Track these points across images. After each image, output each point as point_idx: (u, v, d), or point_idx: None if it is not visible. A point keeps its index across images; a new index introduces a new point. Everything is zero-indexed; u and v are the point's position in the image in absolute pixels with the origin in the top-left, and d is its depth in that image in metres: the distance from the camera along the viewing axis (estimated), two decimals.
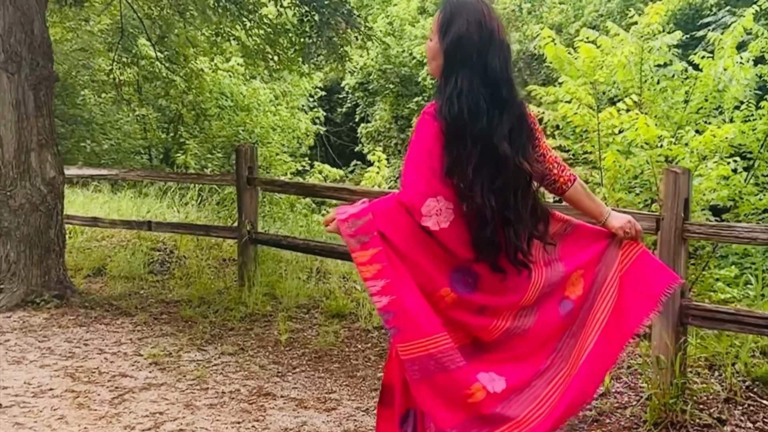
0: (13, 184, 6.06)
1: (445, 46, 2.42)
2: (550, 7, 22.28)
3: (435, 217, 2.35)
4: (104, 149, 14.61)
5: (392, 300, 2.32)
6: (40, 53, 6.01)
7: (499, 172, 2.38)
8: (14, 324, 5.62)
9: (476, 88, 2.38)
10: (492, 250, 2.41)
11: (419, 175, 2.37)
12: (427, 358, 2.35)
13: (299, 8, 7.20)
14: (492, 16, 2.48)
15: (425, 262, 2.39)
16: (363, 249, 2.35)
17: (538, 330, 2.56)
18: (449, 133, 2.36)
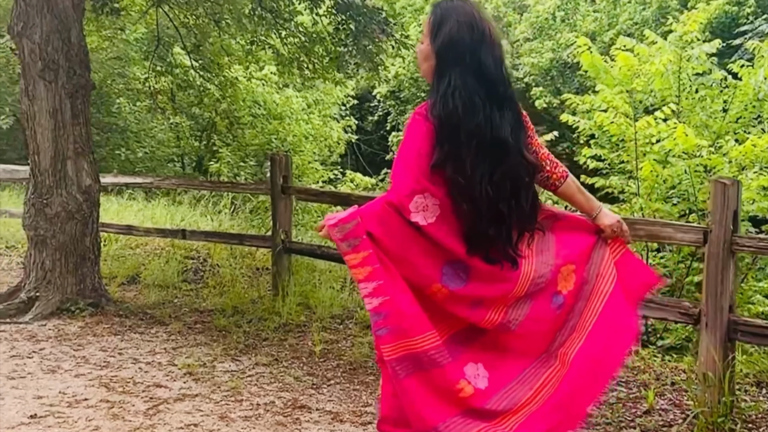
0: (50, 192, 6.07)
1: (437, 47, 2.47)
2: (584, 16, 22.08)
3: (422, 213, 2.39)
4: (138, 157, 14.71)
5: (385, 300, 2.38)
6: (77, 61, 6.03)
7: (498, 165, 2.43)
8: (49, 332, 5.62)
9: (470, 85, 2.41)
10: (484, 243, 2.45)
11: (407, 174, 2.41)
12: (421, 354, 2.41)
13: (335, 17, 7.18)
14: (482, 18, 2.53)
15: (417, 258, 2.43)
16: (354, 252, 2.41)
17: (531, 324, 2.58)
18: (442, 130, 2.40)
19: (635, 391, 4.43)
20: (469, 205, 2.42)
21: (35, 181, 6.11)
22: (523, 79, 22.27)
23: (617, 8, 22.11)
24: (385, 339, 2.41)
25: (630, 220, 4.33)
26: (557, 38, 22.01)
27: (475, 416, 2.49)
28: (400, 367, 2.42)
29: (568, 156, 19.77)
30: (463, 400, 2.47)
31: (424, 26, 2.58)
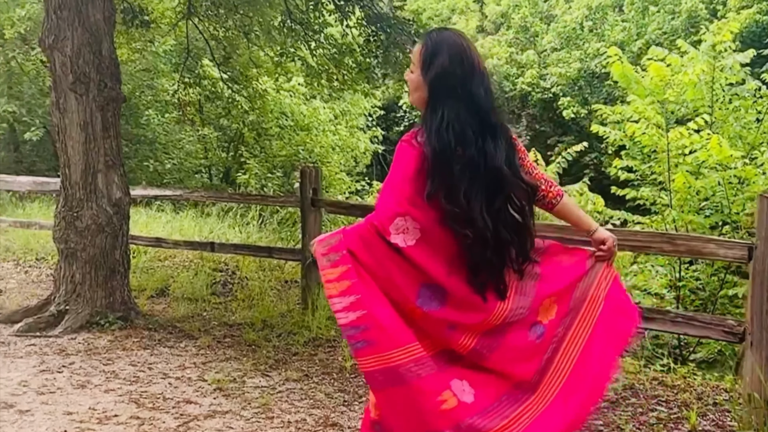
0: (80, 205, 6.06)
1: (429, 80, 2.52)
2: (612, 25, 21.92)
3: (402, 235, 2.44)
4: (166, 168, 14.75)
5: (363, 315, 2.41)
6: (108, 74, 6.02)
7: (497, 194, 2.49)
8: (79, 346, 5.59)
9: (463, 118, 2.47)
10: (489, 270, 2.50)
11: (391, 197, 2.48)
12: (402, 366, 2.42)
13: (366, 28, 7.13)
14: (471, 49, 2.59)
15: (396, 277, 2.46)
16: (332, 267, 2.46)
17: (507, 352, 2.58)
18: (435, 162, 2.45)
19: (676, 411, 4.31)
20: (473, 234, 2.46)
21: (66, 194, 6.11)
22: (550, 89, 22.15)
23: (646, 18, 21.92)
24: (363, 352, 2.43)
25: (670, 235, 4.23)
26: (585, 48, 21.87)
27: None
28: (380, 379, 2.45)
29: (595, 166, 19.66)
30: (444, 413, 2.45)
31: (415, 56, 2.63)
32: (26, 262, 8.93)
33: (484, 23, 27.50)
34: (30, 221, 9.35)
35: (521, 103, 23.26)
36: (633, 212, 9.36)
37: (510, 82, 23.11)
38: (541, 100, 22.57)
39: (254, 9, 7.45)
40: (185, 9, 8.16)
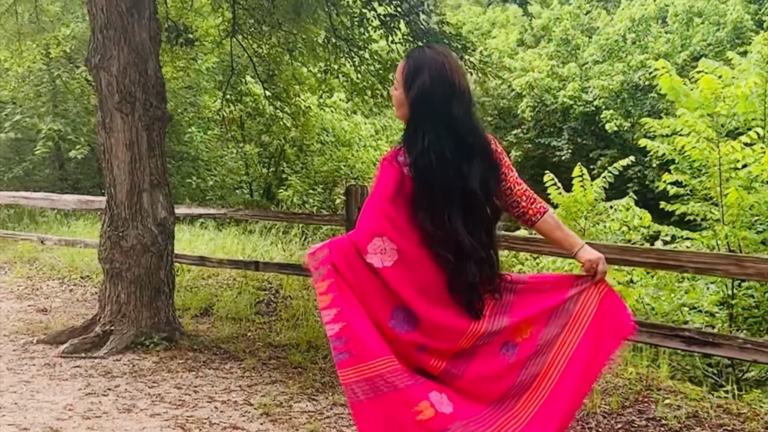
0: (125, 224, 6.03)
1: (411, 100, 2.58)
2: (656, 37, 21.62)
3: (379, 255, 2.53)
4: (209, 185, 14.80)
5: (343, 326, 2.50)
6: (154, 93, 5.99)
7: (470, 215, 2.56)
8: (124, 368, 5.53)
9: (442, 140, 2.53)
10: (470, 290, 2.57)
11: (371, 216, 2.56)
12: (378, 378, 2.50)
13: (411, 43, 7.04)
14: (453, 68, 2.63)
15: (372, 296, 2.55)
16: (321, 280, 2.56)
17: (478, 370, 2.63)
18: (420, 184, 2.53)
19: None
20: (454, 255, 2.54)
21: (111, 213, 6.07)
22: (592, 102, 21.89)
23: (690, 29, 21.59)
24: (345, 363, 2.52)
25: (737, 257, 4.04)
26: (628, 60, 21.60)
27: None
28: (360, 390, 2.51)
29: (639, 180, 19.34)
30: (420, 423, 2.50)
31: (398, 74, 2.69)
32: (71, 280, 8.95)
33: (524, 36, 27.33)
34: (75, 239, 9.38)
35: (563, 116, 23.02)
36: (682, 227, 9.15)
37: (551, 95, 22.90)
38: (583, 113, 22.32)
39: (298, 26, 7.42)
40: (230, 27, 8.15)
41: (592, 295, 2.74)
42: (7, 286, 8.71)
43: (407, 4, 6.86)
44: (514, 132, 23.77)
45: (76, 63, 14.64)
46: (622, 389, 4.84)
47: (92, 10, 5.85)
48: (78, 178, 16.03)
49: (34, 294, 8.29)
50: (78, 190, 15.05)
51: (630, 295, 7.27)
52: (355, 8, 7.30)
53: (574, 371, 2.67)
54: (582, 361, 2.68)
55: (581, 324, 2.71)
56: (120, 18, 5.77)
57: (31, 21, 9.62)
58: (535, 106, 23.19)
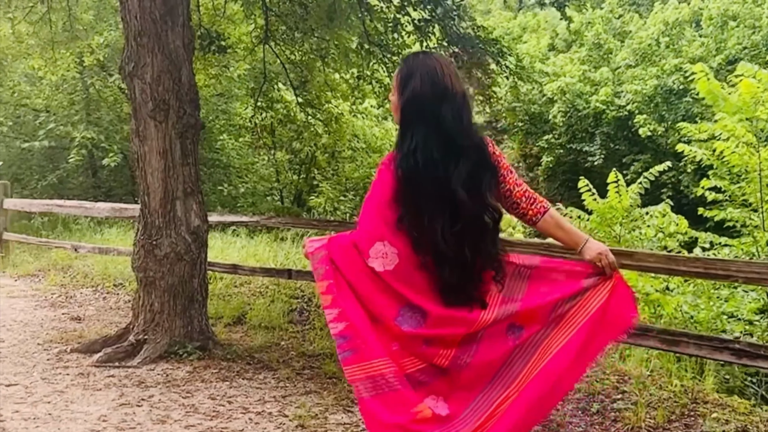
0: (159, 233, 5.99)
1: (402, 103, 2.66)
2: (690, 41, 21.34)
3: (381, 260, 2.59)
4: (240, 192, 14.79)
5: (347, 325, 2.59)
6: (187, 101, 5.95)
7: (458, 216, 2.58)
8: (158, 378, 5.49)
9: (430, 141, 2.58)
10: (453, 290, 2.62)
11: (371, 220, 2.64)
12: (380, 377, 2.58)
13: (446, 48, 6.94)
14: (445, 72, 2.68)
15: (375, 296, 2.62)
16: (321, 280, 2.65)
17: (484, 356, 2.68)
18: (406, 185, 2.59)
19: None
20: (433, 258, 2.59)
21: (145, 221, 6.04)
22: (625, 107, 21.65)
23: (724, 33, 21.28)
24: (350, 360, 2.60)
25: None
26: (662, 64, 21.34)
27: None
28: (363, 388, 2.60)
29: (673, 185, 19.07)
30: (421, 421, 2.59)
31: (394, 80, 2.77)
32: (104, 288, 8.96)
33: (555, 41, 27.15)
34: (108, 247, 9.40)
35: (595, 121, 22.80)
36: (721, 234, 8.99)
37: (583, 100, 22.70)
38: (616, 117, 22.09)
39: (331, 32, 7.35)
40: (262, 34, 8.11)
41: (604, 287, 2.76)
42: (41, 293, 8.74)
43: (442, 9, 6.77)
44: (546, 137, 23.58)
45: (109, 71, 14.75)
46: (667, 402, 4.69)
47: (126, 18, 5.83)
48: (111, 186, 16.12)
49: (67, 302, 8.31)
50: (111, 197, 15.13)
51: (668, 303, 7.13)
52: (389, 13, 7.23)
53: (566, 356, 2.70)
54: (576, 347, 2.71)
55: (586, 312, 2.74)
56: (154, 25, 5.74)
57: (65, 29, 9.66)
58: (566, 111, 22.99)
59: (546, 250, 4.67)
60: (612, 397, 4.88)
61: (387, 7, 7.19)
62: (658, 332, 4.35)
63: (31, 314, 7.62)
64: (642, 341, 4.42)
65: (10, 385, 5.23)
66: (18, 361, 5.84)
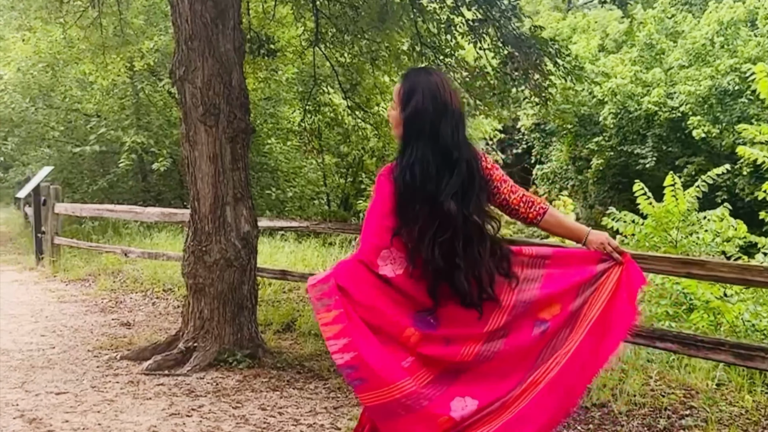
0: (209, 239, 5.90)
1: (404, 118, 2.76)
2: (746, 41, 20.79)
3: (390, 265, 2.68)
4: (288, 197, 14.75)
5: (354, 356, 2.61)
6: (238, 105, 5.86)
7: (446, 227, 2.69)
8: (207, 386, 5.39)
9: (428, 156, 2.70)
10: (446, 297, 2.72)
11: (373, 232, 2.72)
12: (394, 403, 2.63)
13: (501, 49, 6.75)
14: (446, 88, 2.81)
15: (387, 308, 2.69)
16: (327, 311, 2.64)
17: (510, 351, 2.77)
18: (403, 197, 2.70)
19: None
20: (422, 267, 2.70)
21: (195, 227, 5.96)
22: (678, 108, 21.18)
23: None
24: (362, 388, 2.65)
25: None
26: (716, 65, 20.84)
27: None
28: (379, 414, 2.68)
29: (728, 188, 18.58)
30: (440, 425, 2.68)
31: (395, 95, 2.84)
32: (154, 293, 8.94)
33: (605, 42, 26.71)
34: (157, 252, 9.39)
35: (647, 123, 22.37)
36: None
37: (635, 101, 22.28)
38: (669, 119, 21.64)
39: (382, 33, 7.21)
40: (312, 36, 8.01)
41: (617, 269, 2.88)
42: (92, 298, 8.75)
43: (497, 9, 6.58)
44: (596, 139, 23.20)
45: (159, 76, 14.83)
46: (739, 420, 4.45)
47: (177, 22, 5.76)
48: (160, 190, 16.22)
49: (117, 307, 8.30)
50: (160, 201, 15.22)
51: (729, 311, 6.87)
52: (442, 14, 7.06)
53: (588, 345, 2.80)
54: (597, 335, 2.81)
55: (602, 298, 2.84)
56: (205, 29, 5.66)
57: (116, 34, 9.69)
58: (617, 113, 22.60)
59: None
60: (679, 413, 4.66)
61: (440, 8, 7.02)
62: (731, 346, 4.12)
63: (81, 320, 7.61)
64: (713, 355, 4.20)
65: (60, 393, 5.18)
66: (68, 368, 5.81)
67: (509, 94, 7.35)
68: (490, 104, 7.50)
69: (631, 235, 10.83)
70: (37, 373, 5.69)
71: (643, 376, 5.28)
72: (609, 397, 4.90)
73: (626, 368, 5.44)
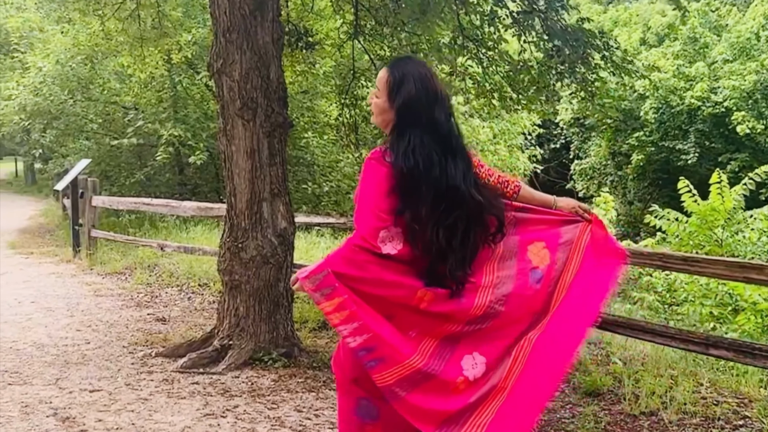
0: (245, 235, 5.79)
1: (397, 107, 2.81)
2: None
3: (390, 243, 2.71)
4: (324, 191, 14.65)
5: (369, 336, 2.66)
6: (276, 99, 5.73)
7: (453, 210, 2.79)
8: (242, 386, 5.28)
9: (427, 143, 2.77)
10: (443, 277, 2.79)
11: (369, 215, 2.74)
12: (415, 373, 2.71)
13: (546, 42, 6.53)
14: (434, 77, 2.93)
15: (395, 277, 2.73)
16: (327, 300, 2.66)
17: (515, 299, 2.87)
18: (405, 181, 2.74)
19: None
20: (422, 247, 2.75)
21: (231, 223, 5.86)
22: (722, 103, 20.75)
23: None
24: (378, 369, 2.69)
25: None
26: (761, 59, 20.37)
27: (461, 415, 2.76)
28: (398, 389, 2.71)
29: None
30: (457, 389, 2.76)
31: (381, 83, 2.89)
32: (189, 288, 8.88)
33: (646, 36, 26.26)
34: (193, 246, 9.33)
35: (689, 118, 21.95)
36: None
37: (677, 96, 21.86)
38: (712, 114, 21.22)
39: (423, 26, 7.03)
40: (351, 29, 7.85)
41: (586, 226, 3.09)
42: (128, 292, 8.71)
43: (543, 1, 6.37)
44: (636, 135, 22.84)
45: (197, 69, 14.80)
46: None
47: (215, 13, 5.64)
48: (197, 183, 16.22)
49: (153, 302, 8.24)
50: (196, 195, 15.21)
51: None
52: (485, 6, 6.87)
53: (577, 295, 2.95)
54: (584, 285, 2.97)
55: (579, 250, 3.03)
56: (243, 21, 5.54)
57: (154, 26, 9.63)
58: (659, 108, 22.21)
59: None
60: (733, 423, 4.46)
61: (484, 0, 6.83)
62: None
63: (117, 314, 7.56)
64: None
65: (94, 390, 5.11)
66: (103, 365, 5.74)
67: (553, 88, 7.13)
68: (533, 98, 7.29)
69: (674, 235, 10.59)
70: (72, 369, 5.64)
71: (693, 383, 5.07)
72: (658, 405, 4.70)
73: (675, 374, 5.24)
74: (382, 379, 2.70)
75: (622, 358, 5.77)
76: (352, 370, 2.87)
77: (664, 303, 10.06)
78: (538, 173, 24.94)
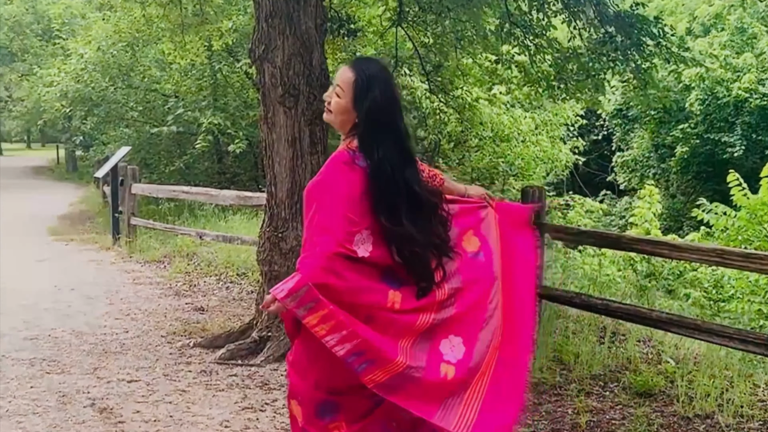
0: (285, 225, 5.68)
1: (364, 113, 2.82)
2: None
3: (362, 246, 2.75)
4: None
5: (357, 342, 2.66)
6: (318, 86, 5.58)
7: (417, 210, 2.87)
8: (281, 379, 5.19)
9: (391, 149, 2.82)
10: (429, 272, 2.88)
11: (341, 219, 2.73)
12: (406, 369, 2.74)
13: (597, 29, 6.30)
14: (393, 81, 3.00)
15: (368, 282, 2.77)
16: (312, 313, 2.62)
17: (468, 277, 2.97)
18: (380, 185, 2.79)
19: None
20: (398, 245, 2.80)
21: (271, 212, 5.75)
22: None
23: None
24: (369, 370, 2.71)
25: None
26: None
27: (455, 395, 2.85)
28: (392, 384, 2.74)
29: None
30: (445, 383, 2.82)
31: (345, 84, 2.86)
32: (228, 277, 8.81)
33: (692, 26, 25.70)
34: (232, 236, 9.25)
35: (735, 110, 21.43)
36: None
37: (724, 87, 21.35)
38: (760, 106, 20.68)
39: (469, 12, 6.82)
40: (394, 15, 7.68)
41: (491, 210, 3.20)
42: (166, 281, 8.67)
43: None
44: (681, 126, 22.34)
45: (237, 56, 14.74)
46: None
47: None
48: (236, 172, 16.19)
49: (191, 291, 8.19)
50: (235, 183, 15.17)
51: None
52: None
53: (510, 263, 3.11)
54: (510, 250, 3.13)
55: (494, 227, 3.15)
56: (286, 5, 5.40)
57: (195, 13, 9.56)
58: (705, 99, 21.69)
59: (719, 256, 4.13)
60: None
61: None
62: None
63: (155, 303, 7.52)
64: None
65: (132, 381, 5.06)
66: (141, 355, 5.69)
67: (603, 76, 6.88)
68: (582, 87, 7.05)
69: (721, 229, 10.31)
70: (110, 358, 5.59)
71: (749, 385, 4.86)
72: (714, 407, 4.50)
73: (731, 375, 5.02)
74: (373, 379, 2.72)
75: (673, 357, 5.55)
76: (317, 374, 2.85)
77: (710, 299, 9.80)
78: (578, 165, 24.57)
